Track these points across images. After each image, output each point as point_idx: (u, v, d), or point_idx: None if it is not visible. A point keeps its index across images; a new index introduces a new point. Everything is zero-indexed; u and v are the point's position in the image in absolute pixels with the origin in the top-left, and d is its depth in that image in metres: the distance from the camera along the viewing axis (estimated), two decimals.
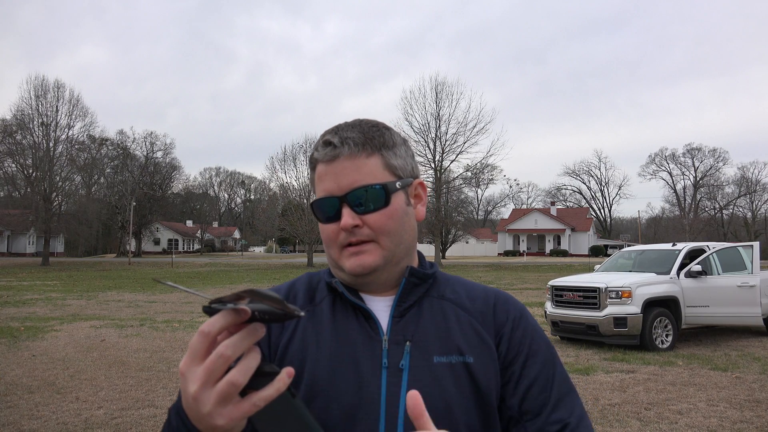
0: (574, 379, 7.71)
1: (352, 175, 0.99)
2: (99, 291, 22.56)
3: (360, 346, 1.00)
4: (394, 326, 1.02)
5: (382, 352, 0.99)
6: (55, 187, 50.65)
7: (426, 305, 1.06)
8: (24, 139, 50.39)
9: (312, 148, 1.07)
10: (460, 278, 1.14)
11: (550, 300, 10.87)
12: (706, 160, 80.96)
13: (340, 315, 1.05)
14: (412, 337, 1.00)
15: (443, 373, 0.98)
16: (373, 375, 0.97)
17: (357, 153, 1.00)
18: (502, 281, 29.00)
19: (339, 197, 0.99)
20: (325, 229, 1.03)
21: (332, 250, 1.04)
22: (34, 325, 12.50)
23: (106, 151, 65.28)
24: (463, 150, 47.97)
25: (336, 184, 0.99)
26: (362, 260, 1.00)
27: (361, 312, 1.03)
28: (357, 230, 0.99)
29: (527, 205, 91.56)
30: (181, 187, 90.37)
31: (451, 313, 1.05)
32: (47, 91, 50.71)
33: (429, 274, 1.08)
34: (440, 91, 48.08)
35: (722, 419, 5.91)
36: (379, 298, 1.06)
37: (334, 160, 1.00)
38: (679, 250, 10.96)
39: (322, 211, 1.02)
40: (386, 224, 1.00)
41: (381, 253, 1.00)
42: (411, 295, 1.05)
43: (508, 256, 70.99)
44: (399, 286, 1.05)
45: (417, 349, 0.99)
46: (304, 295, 1.09)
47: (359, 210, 0.98)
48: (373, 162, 1.01)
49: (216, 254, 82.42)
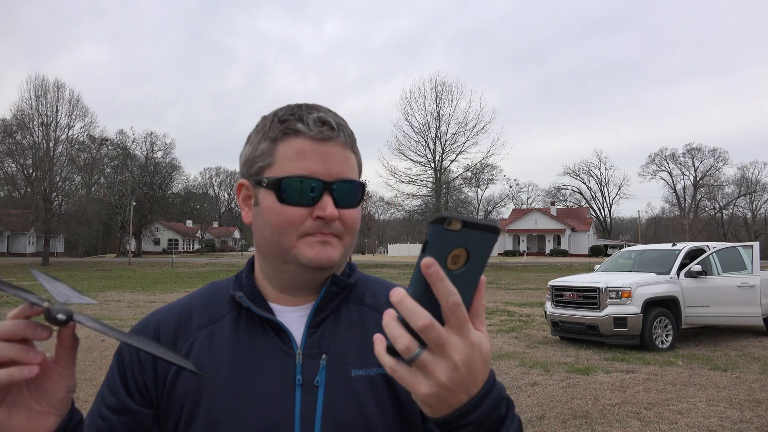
0: (575, 378, 7.71)
1: (342, 164, 0.92)
2: (99, 291, 22.56)
3: (270, 364, 0.91)
4: (308, 338, 0.93)
5: (296, 368, 0.91)
6: (55, 187, 50.65)
7: (344, 313, 0.98)
8: (24, 139, 50.43)
9: (283, 115, 0.94)
10: (380, 280, 1.09)
11: (550, 300, 10.87)
12: (706, 160, 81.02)
13: (245, 332, 0.95)
14: (328, 349, 0.93)
15: (361, 387, 0.91)
16: (285, 395, 0.89)
17: (347, 144, 0.94)
18: (502, 281, 29.02)
19: (326, 182, 0.90)
20: (286, 211, 0.90)
21: (287, 236, 0.91)
22: None
23: (106, 151, 65.24)
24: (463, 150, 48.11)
25: (324, 168, 0.90)
26: (330, 252, 0.91)
27: (271, 326, 0.94)
28: (333, 223, 0.91)
29: (527, 205, 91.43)
30: (181, 187, 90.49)
31: (371, 321, 0.98)
32: (47, 91, 50.79)
33: (350, 283, 1.00)
34: (440, 91, 48.22)
35: (722, 419, 5.91)
36: (293, 308, 0.97)
37: (327, 141, 0.91)
38: (679, 250, 10.96)
39: (295, 191, 0.90)
40: (356, 223, 0.95)
41: (341, 251, 0.94)
42: (330, 304, 0.97)
43: (508, 256, 70.95)
44: (319, 293, 0.97)
45: (333, 363, 0.92)
46: (200, 315, 0.99)
47: (339, 203, 0.91)
48: (353, 158, 0.96)
49: (216, 254, 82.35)
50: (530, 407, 6.36)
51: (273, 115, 0.96)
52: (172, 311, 1.01)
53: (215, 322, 0.97)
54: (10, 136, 49.63)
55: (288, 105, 0.97)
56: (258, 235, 0.96)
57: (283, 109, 0.96)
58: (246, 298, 0.96)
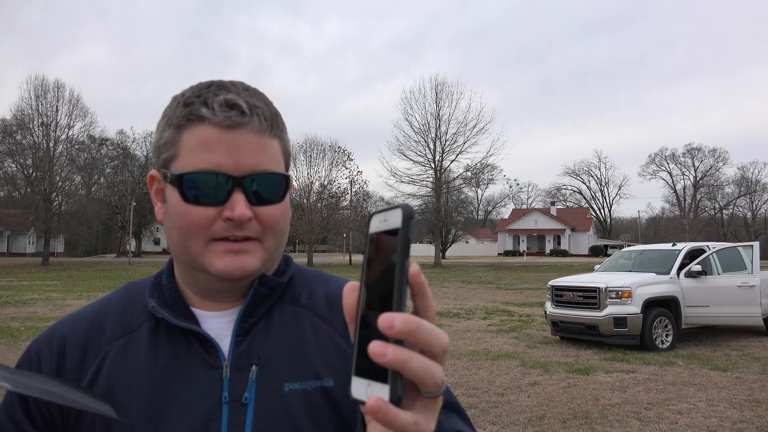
0: (575, 378, 7.72)
1: (256, 155, 0.79)
2: (99, 291, 22.56)
3: (192, 381, 0.80)
4: (236, 348, 0.82)
5: (222, 382, 0.80)
6: (55, 187, 50.64)
7: (276, 316, 0.86)
8: (24, 139, 50.39)
9: (189, 97, 0.80)
10: (321, 273, 0.97)
11: (550, 300, 10.87)
12: (706, 160, 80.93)
13: (165, 343, 0.83)
14: (258, 359, 0.82)
15: (295, 403, 0.80)
16: (210, 415, 0.78)
17: (264, 130, 0.80)
18: (502, 281, 29.03)
19: (235, 177, 0.78)
20: (191, 212, 0.79)
21: (194, 241, 0.80)
22: (35, 325, 12.49)
23: (106, 151, 65.26)
24: (463, 150, 48.06)
25: (233, 160, 0.78)
26: (244, 261, 0.79)
27: (194, 335, 0.83)
28: (246, 224, 0.79)
29: (527, 205, 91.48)
30: None
31: (307, 325, 0.87)
32: (47, 91, 50.72)
33: (282, 282, 0.88)
34: (440, 91, 48.18)
35: (722, 419, 5.91)
36: (218, 314, 0.86)
37: (236, 128, 0.78)
38: (679, 250, 10.96)
39: (199, 189, 0.78)
40: (278, 222, 0.82)
41: (262, 257, 0.82)
42: (259, 307, 0.85)
43: (508, 256, 70.98)
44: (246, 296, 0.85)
45: (265, 375, 0.81)
46: (114, 324, 0.86)
47: (254, 200, 0.79)
48: (275, 145, 0.82)
49: None
50: (530, 407, 6.37)
51: (181, 95, 0.82)
52: (81, 320, 0.88)
53: (131, 332, 0.85)
54: (10, 136, 49.62)
55: (200, 83, 0.83)
56: (167, 236, 0.85)
57: (193, 88, 0.82)
58: (159, 308, 0.84)
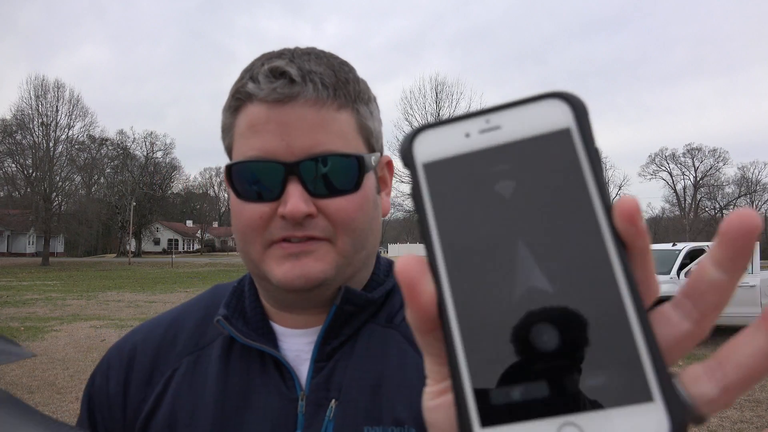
0: None
1: (314, 132, 0.64)
2: (99, 291, 22.56)
3: (264, 412, 0.69)
4: (315, 377, 0.70)
5: (297, 417, 0.68)
6: (55, 187, 50.69)
7: (363, 339, 0.71)
8: (24, 139, 50.51)
9: (243, 71, 0.68)
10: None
11: None
12: (706, 160, 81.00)
13: (237, 363, 0.72)
14: (338, 393, 0.68)
15: None
16: None
17: (325, 99, 0.65)
18: None
19: (287, 164, 0.63)
20: (244, 210, 0.67)
21: (252, 245, 0.67)
22: (34, 325, 12.50)
23: (106, 151, 65.35)
24: None
25: (284, 143, 0.63)
26: (306, 267, 0.65)
27: (270, 357, 0.71)
28: (308, 221, 0.65)
29: None
30: (181, 187, 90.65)
31: (395, 354, 0.70)
32: (47, 91, 50.85)
33: (373, 299, 0.72)
34: (440, 91, 48.28)
35: (722, 419, 5.91)
36: (299, 332, 0.73)
37: (287, 102, 0.63)
38: (679, 250, 10.97)
39: (249, 182, 0.66)
40: (352, 217, 0.66)
41: (334, 260, 0.67)
42: (345, 328, 0.71)
43: None
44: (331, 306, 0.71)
45: (343, 413, 0.67)
46: (189, 336, 0.76)
47: (317, 191, 0.65)
48: (344, 119, 0.67)
49: (216, 254, 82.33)
50: None
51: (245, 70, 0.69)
52: (156, 328, 0.80)
53: (203, 348, 0.75)
54: (10, 136, 49.70)
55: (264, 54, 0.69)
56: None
57: (257, 58, 0.69)
58: (232, 321, 0.71)
